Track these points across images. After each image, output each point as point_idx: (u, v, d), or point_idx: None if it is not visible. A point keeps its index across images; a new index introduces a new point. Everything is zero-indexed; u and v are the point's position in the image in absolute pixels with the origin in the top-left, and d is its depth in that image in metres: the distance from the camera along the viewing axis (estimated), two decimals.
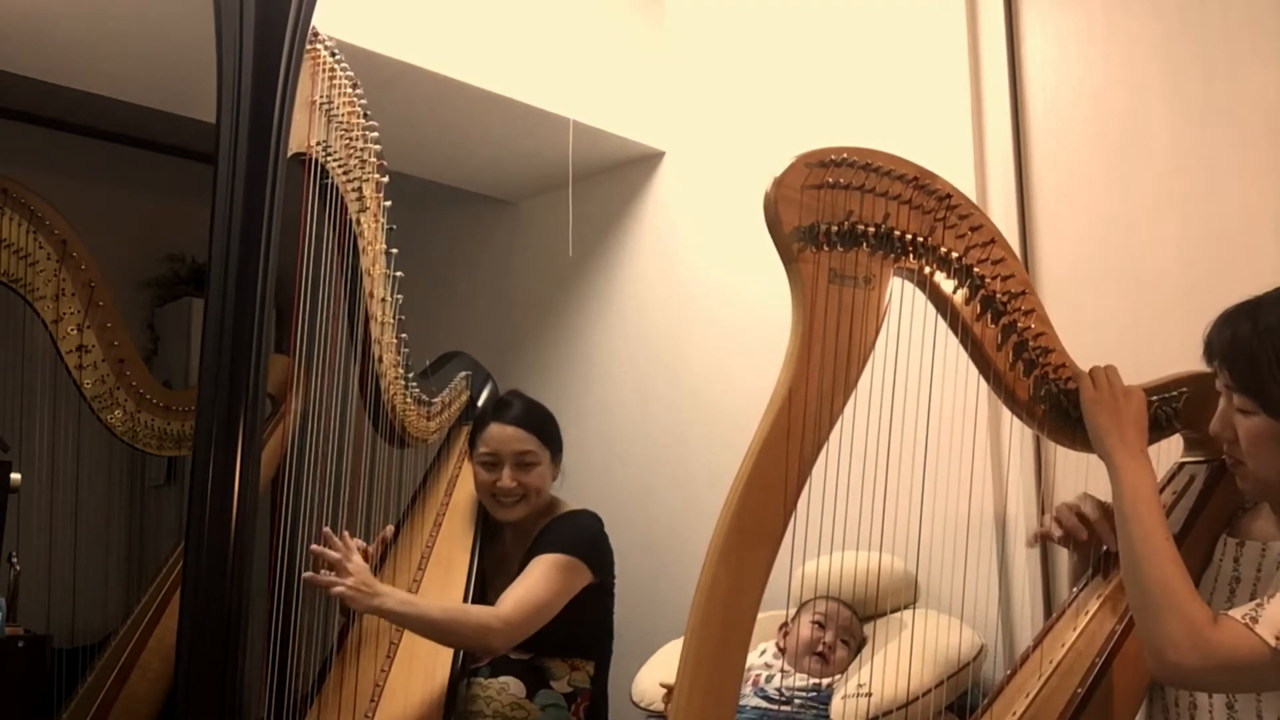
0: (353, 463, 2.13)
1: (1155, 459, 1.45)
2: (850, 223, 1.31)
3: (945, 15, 2.43)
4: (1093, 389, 1.44)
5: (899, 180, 1.35)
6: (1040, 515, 2.12)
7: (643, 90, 2.99)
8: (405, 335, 2.27)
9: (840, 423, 1.29)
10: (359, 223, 2.12)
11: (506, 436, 2.28)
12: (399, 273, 2.21)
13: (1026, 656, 1.53)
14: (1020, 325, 1.42)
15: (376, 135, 2.11)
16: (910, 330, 1.38)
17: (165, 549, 2.79)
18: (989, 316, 1.41)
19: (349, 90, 2.05)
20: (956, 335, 1.42)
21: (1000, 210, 2.30)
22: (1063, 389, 1.46)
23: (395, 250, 2.19)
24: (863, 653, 2.14)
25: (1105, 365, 1.47)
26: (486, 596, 2.27)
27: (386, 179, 2.15)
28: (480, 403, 2.63)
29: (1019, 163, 2.33)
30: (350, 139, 2.07)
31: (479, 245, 3.56)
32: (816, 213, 1.30)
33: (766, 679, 2.11)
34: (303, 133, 1.93)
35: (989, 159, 2.36)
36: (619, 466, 2.98)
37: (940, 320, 1.42)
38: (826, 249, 1.30)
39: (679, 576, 2.66)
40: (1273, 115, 2.02)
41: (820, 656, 2.11)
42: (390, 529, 2.18)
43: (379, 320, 2.20)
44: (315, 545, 1.96)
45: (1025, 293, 1.43)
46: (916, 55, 2.49)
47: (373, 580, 1.98)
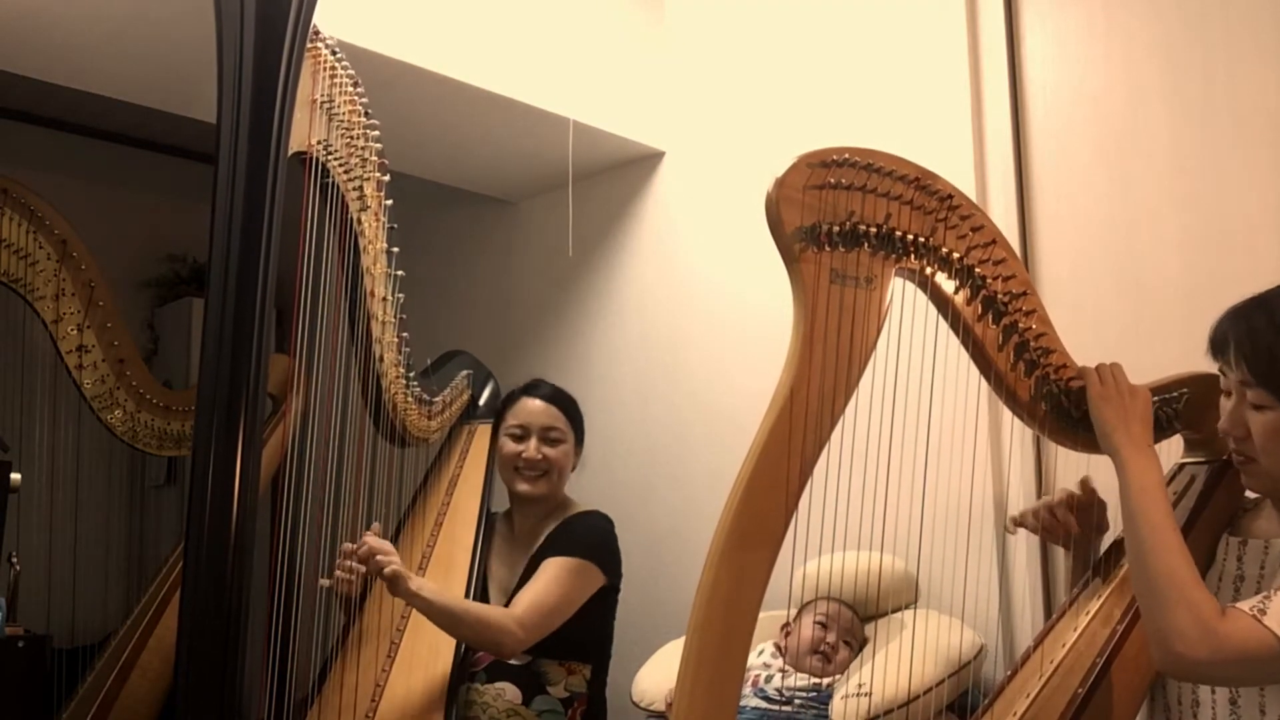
0: (354, 462, 2.13)
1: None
2: (852, 223, 1.32)
3: (945, 15, 2.43)
4: (1099, 385, 1.44)
5: (900, 181, 1.35)
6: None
7: (643, 90, 2.99)
8: (406, 335, 2.27)
9: (841, 423, 1.29)
10: (360, 222, 2.12)
11: (537, 410, 2.30)
12: (400, 272, 2.21)
13: (1027, 656, 1.53)
14: (1022, 326, 1.43)
15: (377, 134, 2.11)
16: (912, 331, 1.38)
17: (165, 549, 2.79)
18: (990, 317, 1.41)
19: (350, 89, 2.05)
20: (958, 336, 1.42)
21: (1000, 210, 2.30)
22: (1064, 389, 1.46)
23: (396, 250, 2.19)
24: (863, 653, 2.14)
25: (1110, 363, 1.47)
26: (488, 597, 2.27)
27: (388, 178, 2.15)
28: (481, 402, 2.63)
29: (1019, 163, 2.33)
30: (351, 138, 2.06)
31: (479, 245, 3.56)
32: (818, 213, 1.30)
33: (766, 679, 2.11)
34: (303, 132, 1.93)
35: (989, 159, 2.36)
36: (619, 466, 2.98)
37: (941, 321, 1.42)
38: (828, 249, 1.30)
39: (679, 577, 2.66)
40: (1273, 115, 2.01)
41: (823, 656, 2.11)
42: (377, 527, 2.17)
43: (380, 319, 2.20)
44: (348, 544, 2.00)
45: (1026, 293, 1.43)
46: (916, 55, 2.49)
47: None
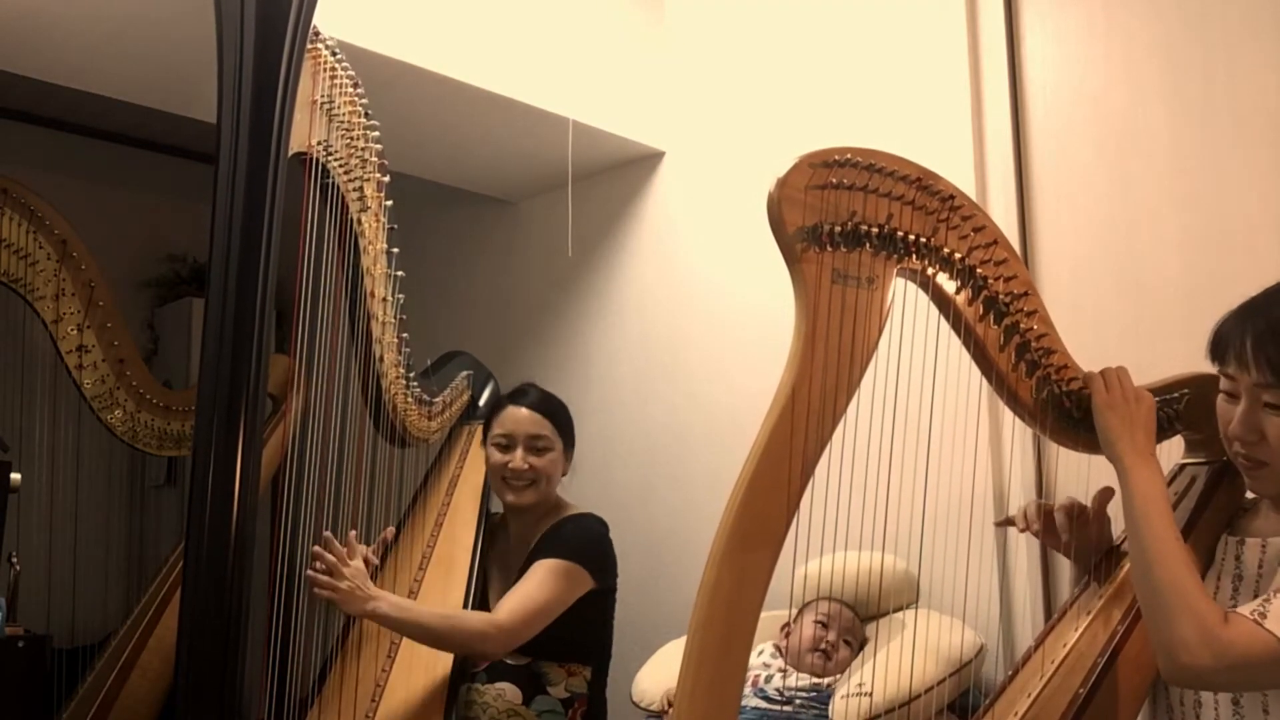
0: (354, 463, 2.13)
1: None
2: (854, 223, 1.31)
3: (945, 15, 2.43)
4: (1104, 392, 1.43)
5: (902, 181, 1.35)
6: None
7: (643, 90, 2.99)
8: (406, 335, 2.27)
9: (842, 423, 1.29)
10: (360, 222, 2.12)
11: (522, 418, 2.28)
12: (399, 272, 2.21)
13: (1028, 656, 1.53)
14: (1023, 326, 1.42)
15: (377, 134, 2.11)
16: (913, 331, 1.38)
17: (165, 549, 2.79)
18: (991, 317, 1.41)
19: (350, 89, 2.05)
20: (959, 336, 1.42)
21: (1000, 210, 2.29)
22: (1065, 390, 1.45)
23: (396, 250, 2.19)
24: (863, 652, 2.14)
25: (1116, 367, 1.46)
26: (488, 597, 2.27)
27: (388, 178, 2.15)
28: (482, 402, 2.63)
29: (1019, 163, 2.33)
30: (351, 138, 2.06)
31: (479, 245, 3.56)
32: (820, 213, 1.30)
33: (766, 679, 2.11)
34: (304, 132, 1.93)
35: (989, 159, 2.36)
36: (619, 467, 2.98)
37: (943, 321, 1.41)
38: (830, 249, 1.30)
39: (679, 577, 2.66)
40: (1273, 115, 2.01)
41: (823, 654, 2.11)
42: (391, 530, 2.18)
43: (380, 320, 2.20)
44: (317, 547, 1.96)
45: (1028, 294, 1.43)
46: (916, 55, 2.49)
47: (369, 584, 1.97)
